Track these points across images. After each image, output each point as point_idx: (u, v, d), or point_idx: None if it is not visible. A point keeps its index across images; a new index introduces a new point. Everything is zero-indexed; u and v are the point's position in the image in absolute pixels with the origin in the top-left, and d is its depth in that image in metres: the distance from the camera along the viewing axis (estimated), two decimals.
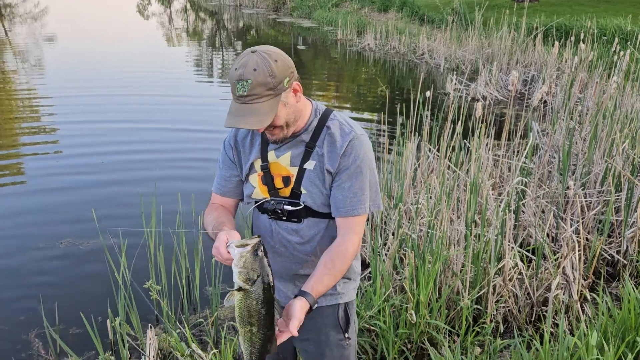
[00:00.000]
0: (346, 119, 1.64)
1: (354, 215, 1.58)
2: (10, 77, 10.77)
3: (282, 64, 1.47)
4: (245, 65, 1.44)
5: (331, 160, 1.57)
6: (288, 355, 1.92)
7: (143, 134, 7.11)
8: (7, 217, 4.63)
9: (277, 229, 1.66)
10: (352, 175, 1.57)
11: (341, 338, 1.73)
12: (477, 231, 3.31)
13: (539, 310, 3.24)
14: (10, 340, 3.06)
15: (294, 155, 1.61)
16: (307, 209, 1.62)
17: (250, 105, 1.45)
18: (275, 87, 1.46)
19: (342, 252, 1.57)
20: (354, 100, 9.77)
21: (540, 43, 10.05)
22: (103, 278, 3.32)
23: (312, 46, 16.32)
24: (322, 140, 1.59)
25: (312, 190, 1.60)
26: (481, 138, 4.12)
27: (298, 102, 1.55)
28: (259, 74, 1.43)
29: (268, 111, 1.46)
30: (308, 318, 1.70)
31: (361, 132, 1.61)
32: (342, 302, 1.72)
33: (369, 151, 1.60)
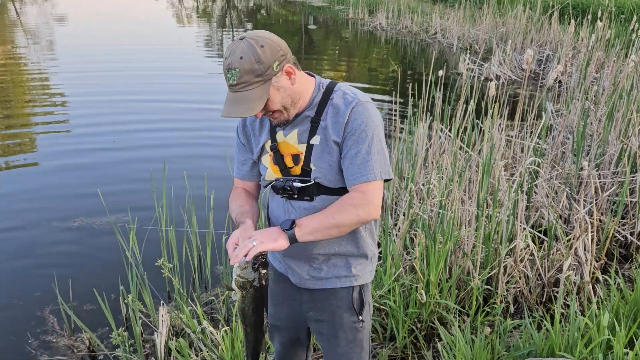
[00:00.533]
0: (350, 88, 1.61)
1: (363, 181, 1.52)
2: (21, 56, 10.81)
3: (270, 48, 1.46)
4: (233, 53, 1.44)
5: (335, 130, 1.55)
6: (302, 336, 1.92)
7: (154, 112, 7.14)
8: (20, 195, 4.68)
9: (291, 209, 1.65)
10: (357, 141, 1.53)
11: (355, 320, 1.73)
12: (488, 212, 3.29)
13: (549, 291, 3.23)
14: (25, 316, 3.12)
15: (301, 132, 1.59)
16: (318, 186, 1.60)
17: (240, 93, 1.46)
18: (264, 72, 1.45)
19: (345, 205, 1.51)
20: (365, 80, 9.68)
21: (556, 21, 9.86)
22: (116, 256, 3.35)
23: (323, 25, 16.15)
24: (326, 113, 1.57)
25: (321, 165, 1.58)
26: (494, 118, 4.07)
27: (294, 85, 1.53)
28: (245, 61, 1.43)
29: (258, 98, 1.45)
30: (322, 299, 1.72)
31: (365, 99, 1.57)
32: (357, 285, 1.70)
33: (374, 116, 1.55)
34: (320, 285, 1.69)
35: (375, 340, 2.89)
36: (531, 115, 4.71)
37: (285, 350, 1.97)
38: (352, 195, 1.53)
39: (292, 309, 1.82)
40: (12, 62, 10.29)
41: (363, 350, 1.79)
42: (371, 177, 1.52)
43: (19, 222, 4.22)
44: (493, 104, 4.11)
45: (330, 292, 1.70)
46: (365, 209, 1.51)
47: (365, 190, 1.51)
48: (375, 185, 1.53)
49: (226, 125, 5.00)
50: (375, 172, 1.52)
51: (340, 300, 1.70)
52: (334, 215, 1.50)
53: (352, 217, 1.51)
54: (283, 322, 1.88)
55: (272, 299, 1.87)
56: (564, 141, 5.04)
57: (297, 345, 1.96)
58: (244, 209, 1.68)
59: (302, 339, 1.93)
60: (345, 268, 1.68)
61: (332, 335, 1.75)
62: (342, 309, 1.71)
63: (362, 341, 1.77)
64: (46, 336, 2.95)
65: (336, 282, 1.68)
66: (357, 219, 1.52)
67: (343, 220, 1.50)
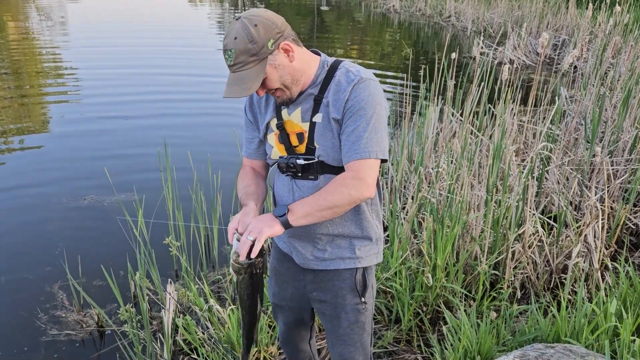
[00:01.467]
0: (355, 66, 1.58)
1: (356, 159, 1.49)
2: (34, 33, 10.83)
3: (264, 26, 1.44)
4: (229, 34, 1.46)
5: (336, 107, 1.53)
6: (306, 316, 1.93)
7: (165, 88, 7.17)
8: (33, 173, 4.73)
9: (296, 188, 1.64)
10: (355, 118, 1.51)
11: (357, 302, 1.72)
12: (498, 197, 3.26)
13: (557, 278, 3.21)
14: (35, 291, 3.17)
15: (304, 110, 1.58)
16: (322, 164, 1.59)
17: (238, 73, 1.46)
18: (258, 52, 1.44)
19: (336, 186, 1.50)
20: (377, 62, 9.58)
21: (573, 6, 9.65)
22: (125, 234, 3.39)
23: (336, 7, 15.97)
24: (329, 91, 1.55)
25: (324, 143, 1.56)
26: (507, 102, 4.01)
27: (293, 62, 1.51)
28: (239, 41, 1.43)
29: (255, 77, 1.45)
30: (326, 280, 1.72)
31: (368, 76, 1.54)
32: (360, 267, 1.69)
33: (375, 94, 1.52)
34: (324, 266, 1.69)
35: (380, 322, 2.89)
36: (544, 100, 4.64)
37: (289, 330, 1.98)
38: (345, 175, 1.51)
39: (296, 289, 1.82)
40: (25, 39, 10.32)
41: (365, 332, 1.78)
42: (365, 155, 1.49)
43: (30, 199, 4.27)
44: (506, 87, 4.05)
45: (334, 273, 1.70)
46: (357, 188, 1.49)
47: (357, 169, 1.50)
48: (368, 164, 1.50)
49: (235, 106, 4.99)
50: (369, 150, 1.50)
51: (344, 281, 1.70)
52: (325, 197, 1.49)
53: (344, 197, 1.49)
54: (287, 302, 1.88)
55: (277, 279, 1.88)
56: (577, 127, 4.97)
57: (300, 325, 1.96)
58: (249, 190, 1.68)
59: (306, 319, 1.94)
60: (349, 249, 1.67)
61: (334, 317, 1.75)
62: (345, 290, 1.71)
63: (364, 323, 1.76)
64: (55, 311, 3.00)
65: (340, 264, 1.68)
66: (348, 199, 1.50)
67: (334, 201, 1.49)
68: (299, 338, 2.01)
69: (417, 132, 4.24)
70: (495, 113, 4.06)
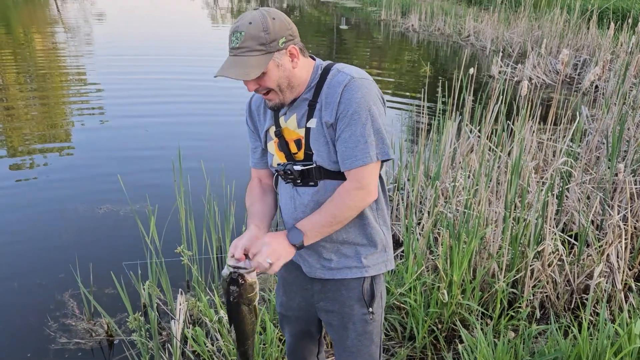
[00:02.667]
0: (347, 66, 1.54)
1: (358, 165, 1.47)
2: (60, 49, 11.09)
3: (280, 23, 1.44)
4: (243, 18, 1.44)
5: (328, 110, 1.49)
6: (313, 328, 1.88)
7: (185, 104, 7.26)
8: (52, 181, 4.79)
9: (296, 195, 1.62)
10: (350, 122, 1.46)
11: (365, 312, 1.67)
12: (516, 214, 3.18)
13: (578, 298, 3.10)
14: (45, 298, 3.16)
15: (299, 116, 1.56)
16: (320, 170, 1.55)
17: (239, 57, 1.43)
18: (268, 43, 1.42)
19: (337, 199, 1.51)
20: (397, 79, 9.59)
21: (594, 25, 9.57)
22: (138, 244, 3.37)
23: (355, 26, 16.11)
24: (322, 94, 1.52)
25: (320, 148, 1.53)
26: (525, 118, 3.95)
27: (295, 68, 1.49)
28: (253, 27, 1.41)
29: (256, 66, 1.42)
30: (333, 290, 1.68)
31: (360, 76, 1.49)
32: (367, 276, 1.65)
33: (367, 94, 1.47)
34: (331, 275, 1.65)
35: (394, 339, 2.82)
36: (565, 118, 4.56)
37: (296, 342, 1.93)
38: (347, 187, 1.50)
39: (303, 298, 1.78)
40: (52, 55, 10.58)
41: (373, 344, 1.73)
42: (367, 160, 1.47)
43: (47, 207, 4.31)
44: (525, 104, 3.99)
45: (341, 283, 1.66)
46: (361, 198, 1.50)
47: (359, 178, 1.48)
48: (368, 170, 1.49)
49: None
50: (370, 154, 1.47)
51: (351, 291, 1.66)
52: (332, 212, 1.50)
53: (350, 210, 1.51)
54: (294, 312, 1.84)
55: (285, 289, 1.84)
56: (599, 146, 4.86)
57: (307, 337, 1.92)
58: (253, 209, 1.68)
59: (313, 331, 1.89)
60: (355, 258, 1.63)
61: (341, 327, 1.71)
62: (352, 299, 1.66)
63: (372, 334, 1.71)
64: (65, 319, 2.98)
65: (347, 273, 1.64)
66: (355, 210, 1.52)
67: (342, 215, 1.51)
68: (307, 351, 1.95)
69: (434, 148, 4.20)
70: (514, 130, 4.00)
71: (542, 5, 11.35)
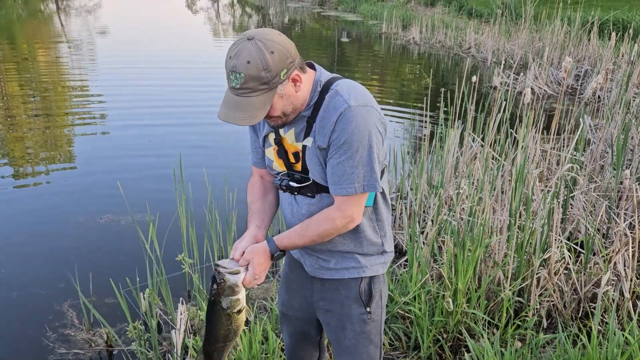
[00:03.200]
0: (345, 88, 1.47)
1: (342, 194, 1.47)
2: (63, 64, 11.15)
3: (280, 55, 1.36)
4: (239, 55, 1.34)
5: (321, 135, 1.46)
6: (312, 330, 1.86)
7: (187, 114, 7.28)
8: (53, 193, 4.79)
9: (294, 203, 1.63)
10: (339, 151, 1.43)
11: (362, 312, 1.67)
12: (521, 222, 3.15)
13: (586, 307, 3.05)
14: (45, 309, 3.12)
15: (297, 132, 1.53)
16: (317, 185, 1.55)
17: (242, 98, 1.37)
18: (270, 81, 1.36)
19: (320, 222, 1.52)
20: (398, 89, 9.61)
21: (595, 36, 9.58)
22: (139, 253, 3.34)
23: (356, 39, 16.20)
24: (318, 115, 1.47)
25: (314, 167, 1.52)
26: (529, 126, 3.92)
27: (298, 92, 1.44)
28: (252, 67, 1.33)
29: (261, 106, 1.37)
30: (332, 289, 1.68)
31: (358, 103, 1.43)
32: (365, 276, 1.65)
33: (363, 123, 1.42)
34: (329, 275, 1.66)
35: (398, 349, 2.77)
36: (567, 128, 4.53)
37: (295, 344, 1.92)
38: (331, 211, 1.51)
39: (304, 297, 1.78)
40: (55, 67, 10.63)
41: (372, 344, 1.71)
42: (351, 191, 1.46)
43: (48, 217, 4.29)
44: (527, 111, 3.97)
45: (340, 283, 1.66)
46: (344, 225, 1.51)
47: (343, 207, 1.49)
48: (354, 200, 1.49)
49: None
50: (355, 185, 1.45)
51: (349, 291, 1.66)
52: (312, 231, 1.53)
53: (329, 231, 1.52)
54: (294, 311, 1.84)
55: (287, 287, 1.85)
56: (603, 155, 4.83)
57: (306, 340, 1.90)
58: (254, 208, 1.69)
59: (312, 333, 1.87)
60: (353, 260, 1.64)
61: (339, 327, 1.70)
62: (350, 299, 1.66)
63: (370, 334, 1.70)
64: (65, 329, 2.94)
65: (344, 273, 1.64)
66: (335, 233, 1.53)
67: (320, 234, 1.53)
68: (307, 355, 1.93)
69: (437, 155, 4.17)
70: (517, 138, 3.97)
71: (542, 18, 11.40)
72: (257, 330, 2.52)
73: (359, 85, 1.52)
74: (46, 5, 26.44)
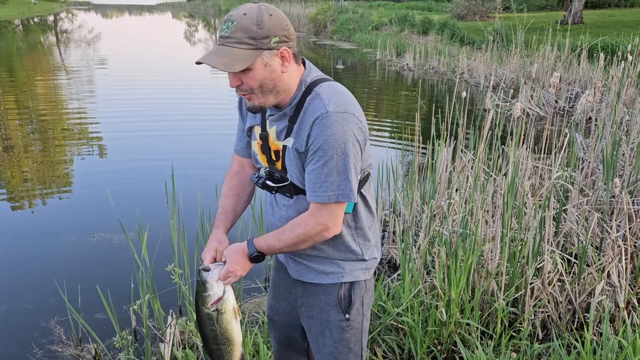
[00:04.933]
0: (328, 92, 1.42)
1: (315, 201, 1.44)
2: (62, 94, 11.25)
3: (277, 21, 1.37)
4: (240, 8, 1.38)
5: (299, 139, 1.44)
6: (297, 336, 1.83)
7: (182, 144, 7.30)
8: (48, 214, 4.78)
9: (274, 204, 1.62)
10: (314, 157, 1.40)
11: (341, 319, 1.61)
12: (513, 233, 3.14)
13: (580, 318, 3.02)
14: (31, 325, 3.07)
15: (279, 130, 1.51)
16: (294, 186, 1.53)
17: (226, 47, 1.35)
18: (258, 38, 1.35)
19: (295, 226, 1.49)
20: (394, 112, 9.71)
21: (585, 60, 9.75)
22: (130, 270, 3.31)
23: (351, 67, 16.43)
24: (299, 117, 1.45)
25: (292, 168, 1.50)
26: (519, 140, 3.95)
27: (284, 73, 1.41)
28: (247, 18, 1.35)
29: (241, 59, 1.34)
30: (313, 295, 1.64)
31: (336, 109, 1.38)
32: (345, 282, 1.60)
33: (340, 130, 1.37)
34: (310, 279, 1.62)
35: None
36: (558, 144, 4.57)
37: (283, 349, 1.89)
38: (306, 217, 1.48)
39: (288, 302, 1.75)
40: (52, 97, 10.73)
41: (351, 352, 1.66)
42: (324, 199, 1.43)
43: (40, 237, 4.27)
44: (518, 126, 4.01)
45: (320, 288, 1.63)
46: (318, 233, 1.47)
47: (318, 214, 1.45)
48: (328, 209, 1.44)
49: None
50: (329, 194, 1.41)
51: (328, 296, 1.62)
52: (287, 237, 1.50)
53: (305, 239, 1.49)
54: (280, 316, 1.81)
55: (274, 292, 1.82)
56: (594, 171, 4.86)
57: (293, 346, 1.87)
58: (224, 205, 1.69)
59: (299, 339, 1.83)
60: (332, 265, 1.60)
61: (319, 334, 1.66)
62: (329, 305, 1.62)
63: (348, 342, 1.64)
64: (52, 345, 2.89)
65: (324, 278, 1.61)
66: (311, 242, 1.50)
67: (295, 241, 1.49)
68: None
69: (429, 170, 4.18)
70: (508, 152, 3.99)
71: (532, 43, 11.61)
72: (248, 342, 2.48)
73: (343, 89, 1.47)
74: (46, 37, 26.83)
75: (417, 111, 4.56)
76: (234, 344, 1.55)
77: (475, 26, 18.44)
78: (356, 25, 23.31)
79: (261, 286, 3.45)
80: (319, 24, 26.45)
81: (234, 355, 1.57)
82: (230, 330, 1.53)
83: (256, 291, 3.39)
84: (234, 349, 1.56)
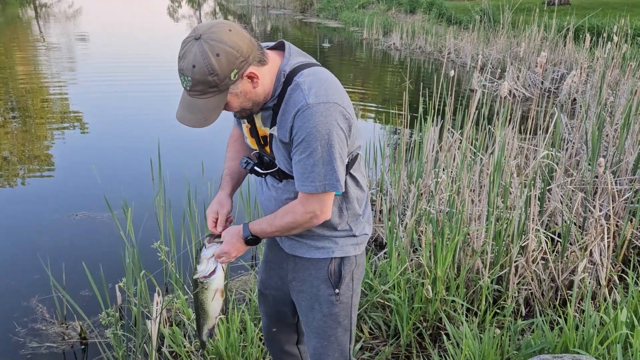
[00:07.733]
0: (308, 82, 1.39)
1: (304, 192, 1.45)
2: (41, 70, 10.99)
3: (227, 57, 1.28)
4: (186, 57, 1.30)
5: (282, 130, 1.43)
6: (288, 310, 1.85)
7: (168, 120, 7.20)
8: (31, 193, 4.71)
9: (265, 187, 1.63)
10: (299, 149, 1.40)
11: (331, 293, 1.64)
12: (499, 212, 3.17)
13: (563, 295, 3.07)
14: (15, 304, 3.04)
15: (264, 118, 1.50)
16: (282, 172, 1.55)
17: (194, 99, 1.34)
18: (219, 84, 1.31)
19: (285, 213, 1.52)
20: (380, 92, 9.67)
21: (570, 41, 9.78)
22: (114, 248, 3.29)
23: (338, 46, 16.28)
24: (281, 108, 1.44)
25: (279, 157, 1.52)
26: (506, 120, 3.97)
27: (256, 88, 1.38)
28: (198, 72, 1.28)
29: (213, 108, 1.34)
30: (304, 269, 1.66)
31: (318, 100, 1.36)
32: (336, 257, 1.62)
33: (324, 121, 1.36)
34: (302, 253, 1.64)
35: (378, 337, 2.76)
36: (544, 126, 4.60)
37: (272, 324, 1.90)
38: (295, 205, 1.50)
39: (280, 277, 1.77)
40: (32, 73, 10.48)
41: (340, 326, 1.69)
42: (312, 190, 1.44)
43: (22, 215, 4.20)
44: (505, 103, 4.02)
45: (311, 262, 1.64)
46: (307, 219, 1.49)
47: (306, 203, 1.47)
48: (316, 198, 1.46)
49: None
50: (316, 184, 1.42)
51: (319, 270, 1.64)
52: (278, 223, 1.53)
53: (295, 225, 1.51)
54: (271, 290, 1.82)
55: (266, 266, 1.84)
56: (579, 151, 4.91)
57: (283, 321, 1.89)
58: (230, 167, 1.72)
59: (289, 314, 1.85)
60: (323, 240, 1.62)
61: (309, 308, 1.68)
62: (319, 280, 1.64)
63: (337, 316, 1.67)
64: (36, 324, 2.86)
65: (315, 253, 1.62)
66: (300, 228, 1.52)
67: (286, 227, 1.52)
68: (285, 338, 1.91)
69: (417, 151, 4.19)
70: (494, 132, 4.01)
71: (519, 24, 11.60)
72: (235, 319, 2.48)
73: (325, 75, 1.44)
74: (24, 11, 26.09)
75: (405, 90, 4.54)
76: (208, 316, 1.69)
77: (462, 6, 18.36)
78: (343, 3, 23.05)
79: (246, 264, 3.45)
80: (305, 1, 26.10)
81: (206, 324, 1.71)
82: (207, 305, 1.66)
83: (243, 269, 3.39)
84: (208, 320, 1.70)
